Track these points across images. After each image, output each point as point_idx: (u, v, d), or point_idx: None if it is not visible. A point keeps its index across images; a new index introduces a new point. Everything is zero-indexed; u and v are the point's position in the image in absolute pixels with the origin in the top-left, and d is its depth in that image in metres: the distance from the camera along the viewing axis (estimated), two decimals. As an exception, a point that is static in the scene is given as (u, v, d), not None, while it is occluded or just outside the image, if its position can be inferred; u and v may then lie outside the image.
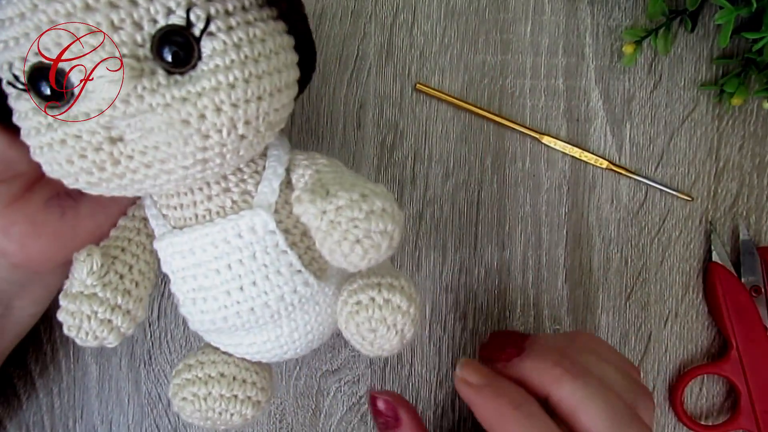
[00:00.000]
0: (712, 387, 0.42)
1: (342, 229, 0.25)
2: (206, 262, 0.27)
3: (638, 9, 0.41)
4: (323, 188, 0.26)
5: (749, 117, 0.42)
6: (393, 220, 0.25)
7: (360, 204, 0.25)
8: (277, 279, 0.27)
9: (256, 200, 0.27)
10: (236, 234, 0.27)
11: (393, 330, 0.28)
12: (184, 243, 0.28)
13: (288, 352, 0.30)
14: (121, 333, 0.29)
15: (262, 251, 0.27)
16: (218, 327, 0.29)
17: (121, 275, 0.29)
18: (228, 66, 0.23)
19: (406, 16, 0.41)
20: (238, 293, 0.27)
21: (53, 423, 0.41)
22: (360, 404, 0.42)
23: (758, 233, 0.42)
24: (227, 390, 0.30)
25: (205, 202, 0.27)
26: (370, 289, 0.28)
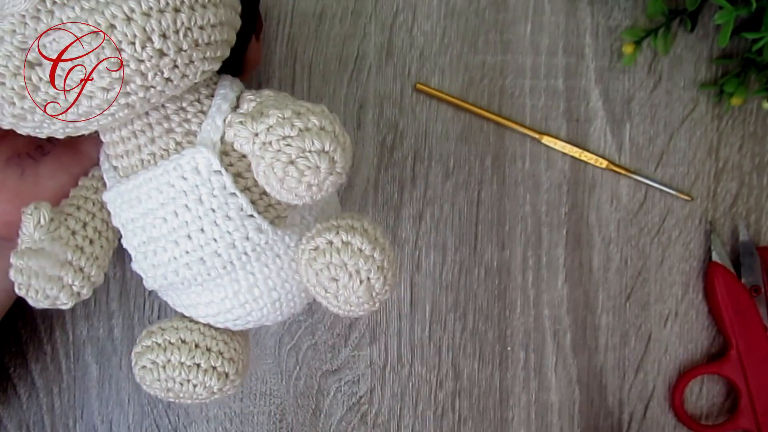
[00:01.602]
0: (712, 387, 0.43)
1: (273, 150, 0.23)
2: (153, 210, 0.26)
3: (638, 9, 0.41)
4: (257, 110, 0.24)
5: (749, 117, 0.42)
6: (333, 139, 0.23)
7: (292, 121, 0.23)
8: (227, 224, 0.26)
9: (199, 138, 0.26)
10: (179, 176, 0.25)
11: (356, 278, 0.25)
12: (129, 191, 0.26)
13: (252, 312, 0.28)
14: (74, 292, 0.27)
15: (208, 194, 0.25)
16: (171, 281, 0.27)
17: (74, 231, 0.28)
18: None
19: (406, 16, 0.41)
20: (186, 242, 0.26)
21: (53, 423, 0.41)
22: (360, 404, 0.42)
23: (758, 233, 0.42)
24: (188, 357, 0.28)
25: (149, 146, 0.26)
26: (327, 232, 0.26)
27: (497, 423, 0.42)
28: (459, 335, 0.42)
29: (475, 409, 0.42)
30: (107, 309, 0.41)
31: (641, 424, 0.42)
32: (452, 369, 0.42)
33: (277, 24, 0.40)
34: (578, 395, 0.42)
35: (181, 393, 0.28)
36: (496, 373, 0.42)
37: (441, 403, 0.42)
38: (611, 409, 0.42)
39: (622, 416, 0.42)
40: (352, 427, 0.42)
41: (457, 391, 0.42)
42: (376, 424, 0.42)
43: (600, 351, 0.42)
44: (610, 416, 0.42)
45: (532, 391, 0.42)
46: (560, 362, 0.42)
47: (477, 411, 0.42)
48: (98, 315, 0.41)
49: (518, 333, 0.42)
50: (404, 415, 0.42)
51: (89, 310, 0.41)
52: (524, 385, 0.42)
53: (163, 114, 0.26)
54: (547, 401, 0.42)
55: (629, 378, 0.42)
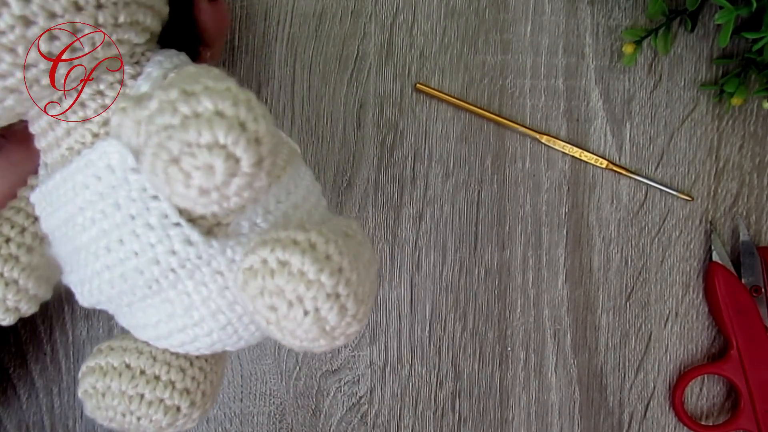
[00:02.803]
0: (713, 387, 0.42)
1: (154, 143, 0.17)
2: (73, 216, 0.22)
3: (638, 9, 0.41)
4: (147, 94, 0.19)
5: (749, 117, 0.42)
6: (234, 129, 0.17)
7: (177, 104, 0.17)
8: (147, 235, 0.21)
9: (113, 130, 0.21)
10: (93, 175, 0.21)
11: (299, 308, 0.19)
12: (51, 192, 0.23)
13: (199, 338, 0.23)
14: (9, 307, 0.24)
15: (126, 197, 0.21)
16: (98, 300, 0.23)
17: (8, 238, 0.24)
18: None
19: (406, 16, 0.41)
20: (105, 255, 0.21)
21: (53, 423, 0.41)
22: (360, 404, 0.42)
23: (758, 233, 0.42)
24: (129, 386, 0.24)
25: (66, 139, 0.22)
26: (261, 248, 0.20)
27: (497, 423, 0.42)
28: (459, 335, 0.42)
29: (475, 409, 0.42)
30: (107, 309, 0.41)
31: (641, 424, 0.42)
32: (452, 369, 0.42)
33: (277, 24, 0.40)
34: (578, 395, 0.42)
35: (125, 425, 0.24)
36: (496, 373, 0.42)
37: (441, 404, 0.42)
38: (611, 409, 0.42)
39: (622, 416, 0.42)
40: (352, 427, 0.42)
41: (457, 392, 0.42)
42: (376, 424, 0.42)
43: (600, 351, 0.42)
44: (610, 416, 0.42)
45: (532, 392, 0.42)
46: (560, 362, 0.42)
47: (477, 411, 0.42)
48: (98, 315, 0.41)
49: (518, 333, 0.42)
50: (404, 415, 0.42)
51: (89, 311, 0.41)
52: (524, 385, 0.42)
53: (79, 102, 0.22)
54: (547, 401, 0.42)
55: (629, 378, 0.42)
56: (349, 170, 0.41)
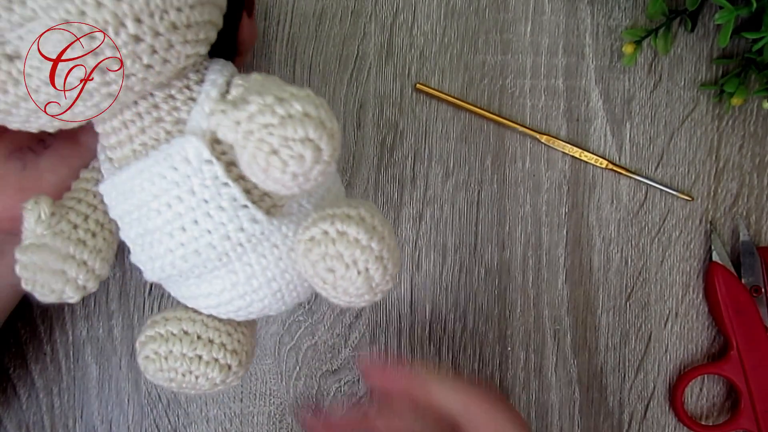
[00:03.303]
0: (713, 387, 0.42)
1: (255, 138, 0.21)
2: (146, 202, 0.25)
3: (638, 9, 0.41)
4: (240, 97, 0.23)
5: (749, 117, 0.42)
6: (318, 126, 0.22)
7: (274, 107, 0.21)
8: (220, 215, 0.25)
9: (188, 127, 0.25)
10: (170, 166, 0.25)
11: (353, 269, 0.24)
12: (123, 183, 0.26)
13: (253, 303, 0.28)
14: (80, 286, 0.27)
15: (200, 185, 0.25)
16: (168, 274, 0.27)
17: (75, 225, 0.27)
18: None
19: (406, 16, 0.41)
20: (180, 234, 0.25)
21: (53, 423, 0.41)
22: (360, 404, 0.42)
23: (758, 233, 0.42)
24: (189, 349, 0.28)
25: (140, 136, 0.25)
26: (322, 222, 0.24)
27: (497, 423, 0.42)
28: (459, 335, 0.42)
29: (475, 409, 0.42)
30: (107, 309, 0.41)
31: (641, 424, 0.42)
32: (452, 369, 0.42)
33: (277, 24, 0.40)
34: (578, 395, 0.42)
35: (184, 383, 0.28)
36: (496, 373, 0.42)
37: (441, 404, 0.42)
38: (611, 409, 0.42)
39: (622, 416, 0.42)
40: (352, 428, 0.42)
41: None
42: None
43: (600, 351, 0.42)
44: (610, 416, 0.42)
45: (533, 392, 0.42)
46: (560, 362, 0.42)
47: (477, 411, 0.42)
48: (98, 315, 0.41)
49: (518, 333, 0.42)
50: (404, 415, 0.42)
51: (89, 311, 0.41)
52: (524, 385, 0.42)
53: (152, 103, 0.25)
54: (547, 401, 0.42)
55: (629, 378, 0.42)
56: (349, 170, 0.41)
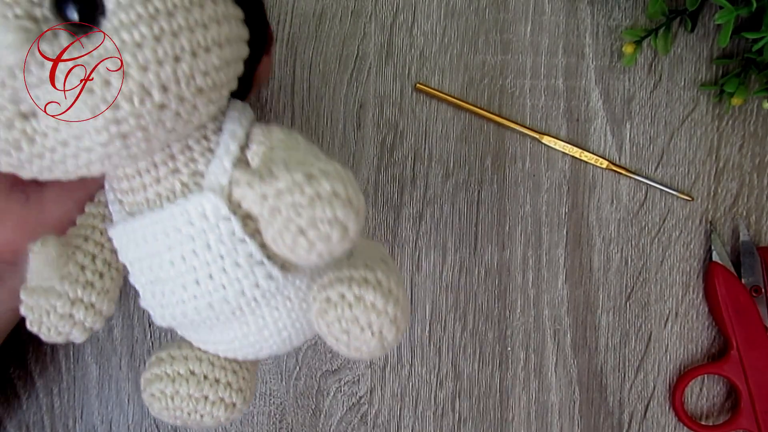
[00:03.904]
0: (713, 387, 0.42)
1: (283, 217, 0.21)
2: (159, 252, 0.25)
3: (638, 9, 0.41)
4: (266, 168, 0.22)
5: (749, 117, 0.42)
6: (346, 205, 0.21)
7: (303, 187, 0.21)
8: (236, 271, 0.24)
9: (206, 182, 0.24)
10: (186, 221, 0.24)
11: (368, 331, 0.24)
12: (135, 231, 0.25)
13: (262, 350, 0.28)
14: (86, 328, 0.27)
15: (216, 240, 0.24)
16: (179, 322, 0.26)
17: (83, 266, 0.26)
18: (133, 22, 0.20)
19: (406, 16, 0.41)
20: (194, 287, 0.25)
21: (53, 423, 0.41)
22: (360, 404, 0.42)
23: (758, 233, 0.42)
24: (196, 390, 0.28)
25: (154, 185, 0.25)
26: (339, 284, 0.24)
27: (497, 423, 0.42)
28: (459, 335, 0.42)
29: (475, 409, 0.42)
30: (107, 309, 0.41)
31: (641, 424, 0.42)
32: (452, 369, 0.42)
33: (277, 24, 0.40)
34: (578, 395, 0.42)
35: (189, 421, 0.28)
36: (496, 373, 0.42)
37: (441, 404, 0.42)
38: (611, 409, 0.42)
39: (622, 416, 0.42)
40: (352, 428, 0.42)
41: (457, 392, 0.42)
42: (376, 424, 0.42)
43: (600, 351, 0.42)
44: (610, 416, 0.42)
45: (532, 392, 0.42)
46: (560, 362, 0.42)
47: (477, 411, 0.42)
48: (98, 315, 0.41)
49: (518, 333, 0.42)
50: (404, 415, 0.42)
51: (89, 310, 0.41)
52: (524, 385, 0.42)
53: (168, 153, 0.24)
54: (547, 401, 0.42)
55: (629, 378, 0.42)
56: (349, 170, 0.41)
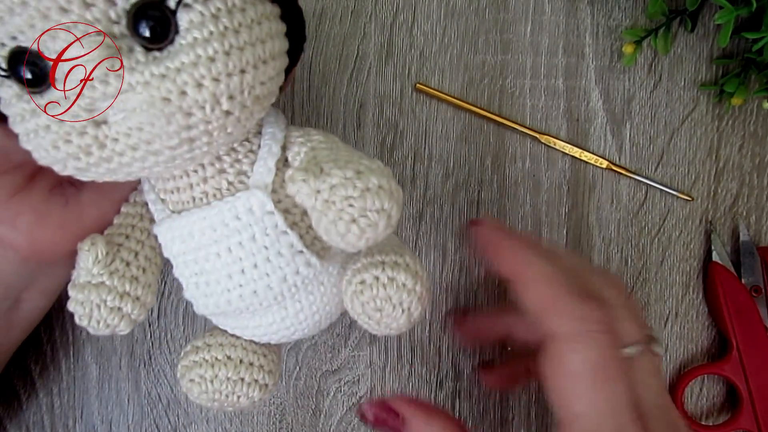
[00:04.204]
0: (713, 387, 0.42)
1: (336, 209, 0.24)
2: (206, 246, 0.27)
3: (638, 9, 0.41)
4: (317, 166, 0.25)
5: (749, 117, 0.42)
6: (390, 197, 0.24)
7: (354, 182, 0.24)
8: (279, 260, 0.27)
9: (252, 180, 0.27)
10: (234, 216, 0.26)
11: (399, 308, 0.27)
12: (182, 227, 0.27)
13: (296, 333, 0.30)
14: (132, 320, 0.28)
15: (261, 233, 0.27)
16: (223, 310, 0.29)
17: (128, 262, 0.28)
18: (206, 39, 0.22)
19: (406, 16, 0.41)
20: (239, 276, 0.27)
21: (53, 423, 0.41)
22: (360, 404, 0.42)
23: (758, 233, 0.42)
24: (234, 373, 0.30)
25: (201, 185, 0.27)
26: (373, 268, 0.28)
27: (497, 423, 0.42)
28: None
29: (475, 409, 0.42)
30: (107, 309, 0.41)
31: (641, 425, 0.42)
32: (452, 369, 0.42)
33: (277, 24, 0.40)
34: (578, 395, 0.42)
35: (226, 403, 0.30)
36: (496, 373, 0.42)
37: (441, 404, 0.42)
38: (611, 410, 0.42)
39: (622, 416, 0.42)
40: (352, 427, 0.42)
41: (457, 392, 0.42)
42: (376, 424, 0.42)
43: (600, 351, 0.42)
44: (610, 416, 0.42)
45: (533, 392, 0.42)
46: (560, 362, 0.42)
47: (477, 411, 0.42)
48: (98, 315, 0.41)
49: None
50: (404, 415, 0.42)
51: (89, 310, 0.41)
52: (524, 385, 0.42)
53: (215, 155, 0.26)
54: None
55: (629, 378, 0.42)
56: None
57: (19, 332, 0.36)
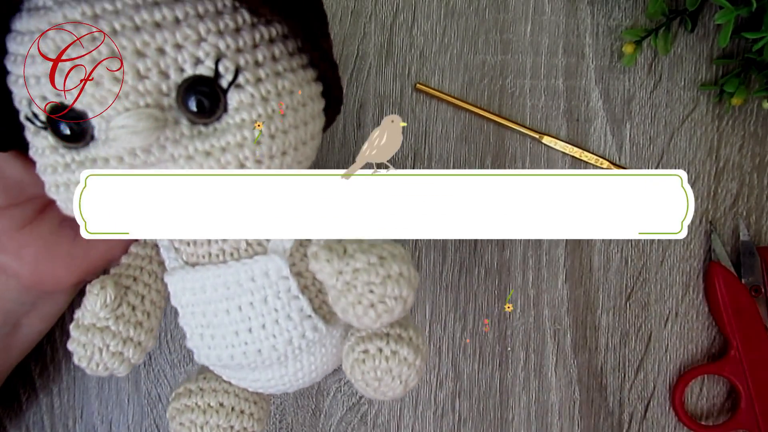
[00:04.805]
0: (713, 387, 0.42)
1: (357, 293, 0.24)
2: (216, 301, 0.27)
3: (638, 9, 0.41)
4: (341, 245, 0.25)
5: (749, 117, 0.42)
6: (409, 284, 0.25)
7: (377, 268, 0.24)
8: (287, 323, 0.27)
9: (271, 245, 0.27)
10: (249, 277, 0.27)
11: (398, 380, 0.27)
12: (195, 280, 0.27)
13: (291, 387, 0.30)
14: (132, 363, 0.28)
15: (273, 296, 0.27)
16: (224, 363, 0.29)
17: (134, 307, 0.28)
18: (253, 120, 0.23)
19: (406, 16, 0.41)
20: (246, 334, 0.27)
21: (53, 423, 0.41)
22: (360, 404, 0.42)
23: (758, 233, 0.42)
24: (225, 421, 0.30)
25: (220, 242, 0.27)
26: (378, 339, 0.28)
27: (497, 423, 0.42)
28: (459, 335, 0.42)
29: (475, 409, 0.42)
30: (107, 309, 0.41)
31: (641, 424, 0.42)
32: (452, 369, 0.42)
33: (277, 24, 0.40)
34: (578, 395, 0.42)
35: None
36: (496, 373, 0.42)
37: (441, 404, 0.42)
38: (611, 409, 0.42)
39: (622, 416, 0.42)
40: (352, 428, 0.42)
41: (457, 392, 0.42)
42: (376, 424, 0.42)
43: (600, 351, 0.42)
44: (610, 416, 0.42)
45: (533, 392, 0.42)
46: (560, 362, 0.42)
47: (477, 411, 0.42)
48: (98, 315, 0.41)
49: (518, 333, 0.42)
50: (404, 415, 0.42)
51: (89, 310, 0.41)
52: (524, 385, 0.42)
53: None
54: (547, 401, 0.42)
55: (629, 378, 0.42)
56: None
57: (17, 354, 0.36)
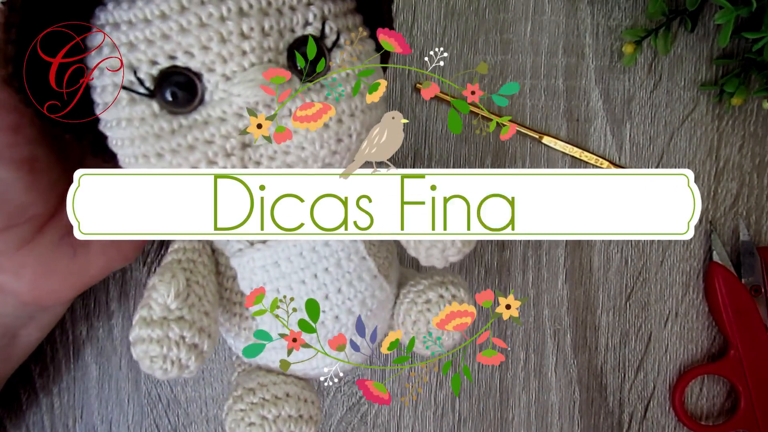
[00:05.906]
0: (713, 387, 0.42)
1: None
2: (291, 274, 0.27)
3: (638, 9, 0.41)
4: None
5: (749, 117, 0.42)
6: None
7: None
8: (360, 285, 0.28)
9: None
10: (324, 243, 0.27)
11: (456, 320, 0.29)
12: (267, 257, 0.27)
13: (347, 364, 0.30)
14: (203, 358, 0.26)
15: (346, 258, 0.28)
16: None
17: (200, 296, 0.27)
18: (356, 75, 0.25)
19: (406, 16, 0.41)
20: (324, 302, 0.27)
21: (53, 423, 0.41)
22: (360, 404, 0.42)
23: (758, 233, 0.42)
24: (295, 410, 0.29)
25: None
26: (438, 287, 0.30)
27: (497, 423, 0.42)
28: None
29: (475, 409, 0.42)
30: (107, 309, 0.41)
31: (641, 424, 0.42)
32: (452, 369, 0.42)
33: (277, 24, 0.40)
34: (578, 395, 0.42)
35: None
36: (496, 373, 0.42)
37: (441, 404, 0.42)
38: (611, 409, 0.42)
39: (622, 416, 0.42)
40: (352, 427, 0.42)
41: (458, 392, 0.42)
42: (376, 424, 0.42)
43: (600, 351, 0.42)
44: (610, 416, 0.42)
45: (532, 392, 0.42)
46: (560, 362, 0.42)
47: (477, 411, 0.42)
48: (98, 315, 0.41)
49: (518, 333, 0.42)
50: (404, 415, 0.42)
51: (89, 310, 0.41)
52: (524, 385, 0.42)
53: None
54: (547, 401, 0.42)
55: (629, 378, 0.42)
56: (349, 170, 0.41)
57: (14, 363, 0.36)
